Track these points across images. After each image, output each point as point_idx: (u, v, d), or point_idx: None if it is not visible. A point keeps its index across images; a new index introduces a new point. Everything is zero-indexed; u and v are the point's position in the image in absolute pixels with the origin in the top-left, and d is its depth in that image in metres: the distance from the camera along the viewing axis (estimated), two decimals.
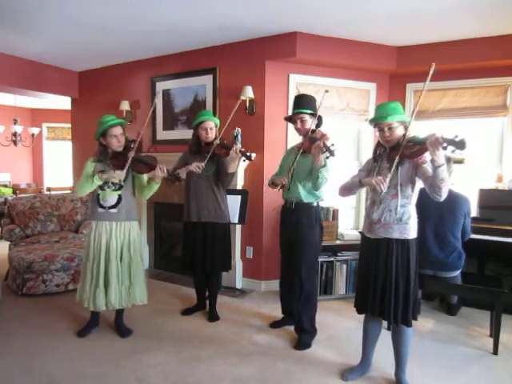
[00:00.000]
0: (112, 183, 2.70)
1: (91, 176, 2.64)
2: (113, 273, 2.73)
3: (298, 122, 2.74)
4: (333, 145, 2.40)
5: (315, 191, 2.74)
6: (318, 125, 2.78)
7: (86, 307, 2.78)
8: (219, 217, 3.09)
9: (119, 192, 2.74)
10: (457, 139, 1.80)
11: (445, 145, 1.84)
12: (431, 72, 2.04)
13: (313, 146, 2.48)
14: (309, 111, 2.73)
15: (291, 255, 2.85)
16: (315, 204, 2.80)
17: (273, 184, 2.88)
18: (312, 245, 2.78)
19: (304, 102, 2.76)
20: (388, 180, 2.06)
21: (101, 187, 2.70)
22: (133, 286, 2.81)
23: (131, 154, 2.66)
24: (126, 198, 2.77)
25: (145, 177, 2.84)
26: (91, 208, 2.81)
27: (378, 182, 2.05)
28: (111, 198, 2.73)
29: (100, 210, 2.73)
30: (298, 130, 2.79)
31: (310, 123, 2.72)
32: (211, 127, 3.03)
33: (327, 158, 2.43)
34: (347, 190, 2.40)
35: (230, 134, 3.62)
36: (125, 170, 2.64)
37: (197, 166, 2.92)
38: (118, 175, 2.63)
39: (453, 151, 1.83)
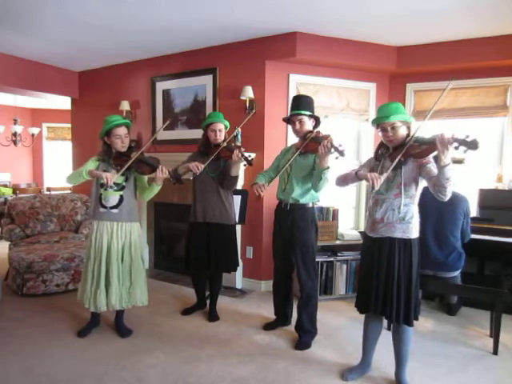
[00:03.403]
0: (114, 183, 2.67)
1: (84, 171, 2.62)
2: (114, 273, 2.72)
3: (297, 123, 2.72)
4: (341, 145, 2.38)
5: (316, 192, 2.73)
6: (316, 126, 2.78)
7: (87, 308, 2.78)
8: (224, 218, 3.09)
9: (121, 192, 2.74)
10: (468, 139, 1.79)
11: (456, 145, 1.83)
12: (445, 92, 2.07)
13: (320, 146, 2.44)
14: (308, 113, 2.72)
15: (287, 257, 2.85)
16: (311, 205, 2.79)
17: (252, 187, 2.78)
18: (309, 246, 2.77)
19: (303, 103, 2.74)
20: (383, 179, 2.04)
21: (103, 186, 2.67)
22: (133, 287, 2.80)
23: (134, 155, 2.65)
24: (127, 199, 2.76)
25: (146, 178, 2.82)
26: (93, 207, 2.79)
27: (373, 177, 2.04)
28: (113, 198, 2.72)
29: (102, 209, 2.73)
30: (296, 131, 2.77)
31: (309, 124, 2.73)
32: (220, 129, 3.02)
33: (336, 158, 2.40)
34: (343, 180, 2.38)
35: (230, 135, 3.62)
36: (118, 174, 2.62)
37: (196, 166, 2.90)
38: (108, 177, 2.53)
39: (465, 151, 1.82)
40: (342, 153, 2.36)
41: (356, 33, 3.63)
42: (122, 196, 2.74)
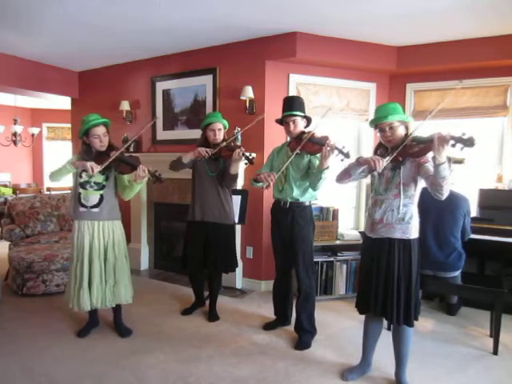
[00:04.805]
0: (94, 183, 2.68)
1: (67, 163, 2.60)
2: (96, 273, 2.71)
3: (291, 124, 2.73)
4: (344, 147, 2.39)
5: (314, 191, 2.74)
6: (306, 126, 2.80)
7: (70, 308, 2.76)
8: (223, 217, 3.09)
9: (101, 192, 2.72)
10: (465, 137, 1.79)
11: (453, 142, 1.83)
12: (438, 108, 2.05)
13: (324, 148, 2.44)
14: (301, 113, 2.74)
15: (287, 255, 2.85)
16: (308, 203, 2.81)
17: (255, 181, 2.73)
18: (308, 244, 2.79)
19: (295, 105, 2.75)
20: (385, 162, 2.03)
21: (82, 186, 2.67)
22: (117, 285, 2.78)
23: (114, 154, 2.62)
24: (108, 198, 2.74)
25: (126, 177, 2.79)
26: (73, 207, 2.77)
27: (374, 159, 2.04)
28: (93, 197, 2.70)
29: (81, 209, 2.71)
30: (289, 132, 2.77)
31: (302, 125, 2.75)
32: (219, 128, 3.03)
33: (342, 160, 2.40)
34: (344, 174, 2.34)
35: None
36: (102, 166, 2.57)
37: (205, 150, 2.91)
38: (93, 166, 2.51)
39: (461, 149, 1.82)
40: (347, 155, 2.38)
41: (356, 33, 3.62)
42: (102, 195, 2.72)
